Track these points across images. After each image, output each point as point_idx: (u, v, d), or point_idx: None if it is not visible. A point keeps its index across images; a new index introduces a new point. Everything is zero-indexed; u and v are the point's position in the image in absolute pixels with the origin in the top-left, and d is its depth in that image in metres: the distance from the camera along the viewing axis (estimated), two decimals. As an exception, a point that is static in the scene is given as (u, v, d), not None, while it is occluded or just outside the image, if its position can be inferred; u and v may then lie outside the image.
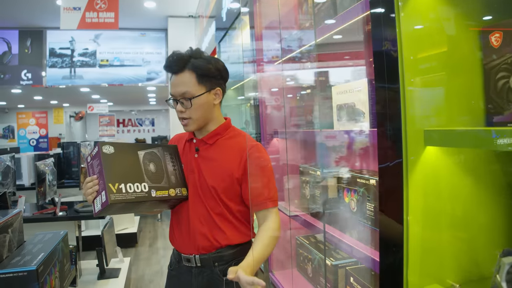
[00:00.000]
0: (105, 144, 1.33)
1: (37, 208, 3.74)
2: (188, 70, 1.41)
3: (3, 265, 1.42)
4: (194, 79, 1.41)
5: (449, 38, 1.08)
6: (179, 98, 1.42)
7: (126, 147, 1.39)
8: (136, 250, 5.23)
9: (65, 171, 5.62)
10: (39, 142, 13.04)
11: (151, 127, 18.46)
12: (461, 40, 1.09)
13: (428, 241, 1.05)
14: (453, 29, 1.09)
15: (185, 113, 1.42)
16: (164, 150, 1.47)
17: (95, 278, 3.57)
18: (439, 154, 1.04)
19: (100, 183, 1.30)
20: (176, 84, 1.42)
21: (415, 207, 1.02)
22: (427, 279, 1.05)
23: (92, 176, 1.33)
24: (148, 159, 1.40)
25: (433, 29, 1.08)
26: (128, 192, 1.30)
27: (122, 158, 1.35)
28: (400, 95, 1.00)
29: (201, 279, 1.47)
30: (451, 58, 1.07)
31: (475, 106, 1.07)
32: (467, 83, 1.08)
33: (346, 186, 1.59)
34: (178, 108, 1.43)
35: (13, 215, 1.60)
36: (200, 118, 1.45)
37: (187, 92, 1.40)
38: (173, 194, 1.42)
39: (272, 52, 2.52)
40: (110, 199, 1.25)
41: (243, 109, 3.74)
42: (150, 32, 7.69)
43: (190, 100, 1.40)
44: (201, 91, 1.42)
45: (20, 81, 7.46)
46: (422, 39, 1.06)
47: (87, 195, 1.33)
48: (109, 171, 1.29)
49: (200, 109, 1.43)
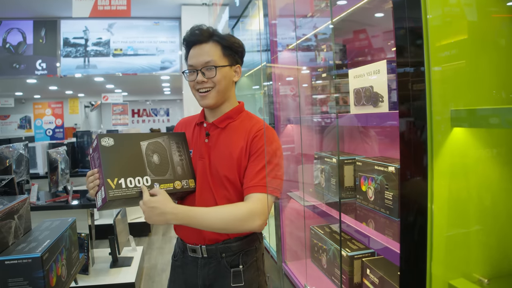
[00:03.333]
0: (104, 136, 1.25)
1: (50, 196, 3.74)
2: (213, 41, 1.38)
3: (8, 252, 1.39)
4: (220, 50, 1.37)
5: (479, 9, 0.99)
6: (200, 68, 1.35)
7: (127, 138, 1.31)
8: (149, 239, 5.24)
9: (79, 160, 5.64)
10: (55, 132, 13.17)
11: (166, 117, 18.52)
12: (493, 12, 1.00)
13: (454, 232, 0.97)
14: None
15: (207, 82, 1.36)
16: (170, 138, 1.39)
17: (107, 266, 3.58)
18: (468, 136, 0.95)
19: (100, 178, 1.24)
20: (199, 54, 1.36)
21: (440, 195, 0.94)
22: (453, 272, 0.97)
23: (93, 170, 1.28)
24: (152, 150, 1.32)
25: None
26: (129, 187, 1.23)
27: (122, 150, 1.27)
28: (425, 72, 0.91)
29: (207, 270, 1.41)
30: (482, 31, 0.98)
31: (508, 84, 0.98)
32: (499, 58, 0.99)
33: (363, 174, 1.51)
34: (199, 78, 1.36)
35: (19, 201, 1.56)
36: (221, 91, 1.39)
37: (211, 61, 1.35)
38: (178, 187, 1.34)
39: (286, 38, 2.44)
40: (108, 195, 1.19)
41: (257, 96, 3.67)
42: (163, 21, 7.63)
43: (216, 68, 1.35)
44: (225, 63, 1.38)
45: (35, 71, 7.49)
46: (449, 10, 0.97)
47: (89, 189, 1.28)
48: (107, 165, 1.22)
49: (223, 81, 1.37)
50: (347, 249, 1.74)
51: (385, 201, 1.36)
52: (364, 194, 1.52)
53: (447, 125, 0.93)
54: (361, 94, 1.49)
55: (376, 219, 1.43)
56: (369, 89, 1.44)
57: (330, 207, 1.77)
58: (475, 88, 0.97)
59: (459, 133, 0.94)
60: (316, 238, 2.08)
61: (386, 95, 1.35)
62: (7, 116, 13.96)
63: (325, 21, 1.91)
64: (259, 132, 1.38)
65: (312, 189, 2.01)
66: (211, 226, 1.28)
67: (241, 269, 1.40)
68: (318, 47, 2.09)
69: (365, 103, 1.47)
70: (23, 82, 9.00)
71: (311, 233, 2.15)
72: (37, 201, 3.56)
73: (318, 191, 1.93)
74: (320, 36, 2.03)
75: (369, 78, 1.45)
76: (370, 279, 1.54)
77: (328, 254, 1.92)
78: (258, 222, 1.27)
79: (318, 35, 2.03)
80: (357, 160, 1.57)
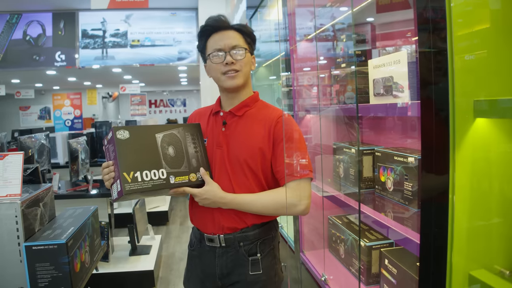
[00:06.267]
0: (119, 129, 1.26)
1: (70, 185, 3.82)
2: (234, 29, 1.43)
3: (34, 238, 1.43)
4: (242, 38, 1.43)
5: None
6: (229, 50, 1.39)
7: (142, 130, 1.31)
8: (167, 228, 5.31)
9: (98, 150, 5.74)
10: (74, 122, 13.41)
11: (183, 108, 18.60)
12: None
13: (475, 223, 0.96)
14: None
15: (235, 65, 1.39)
16: (185, 130, 1.39)
17: (127, 254, 3.65)
18: (490, 127, 0.94)
19: (116, 170, 1.24)
20: (226, 37, 1.40)
21: (462, 186, 0.94)
22: (473, 263, 0.97)
23: (108, 162, 1.29)
24: (167, 142, 1.33)
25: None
26: (144, 180, 1.24)
27: (137, 143, 1.27)
28: (448, 62, 0.90)
29: (225, 259, 1.42)
30: (505, 20, 0.96)
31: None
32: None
33: (382, 164, 1.51)
34: (228, 59, 1.38)
35: (44, 189, 1.61)
36: (246, 74, 1.44)
37: (238, 45, 1.40)
38: (193, 180, 1.35)
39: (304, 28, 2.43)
40: (124, 189, 1.20)
41: (274, 86, 3.67)
42: (180, 12, 7.64)
43: (245, 51, 1.41)
44: (248, 49, 1.44)
45: (55, 62, 7.59)
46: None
47: (105, 181, 1.30)
48: (123, 159, 1.23)
49: (247, 65, 1.44)
50: (365, 239, 1.75)
51: (404, 192, 1.35)
52: (383, 185, 1.51)
53: (469, 116, 0.92)
54: (380, 84, 1.48)
55: (395, 210, 1.43)
56: (389, 79, 1.43)
57: (349, 197, 1.77)
58: (498, 78, 0.96)
59: (482, 124, 0.94)
60: (334, 228, 2.08)
61: (406, 85, 1.34)
62: (28, 107, 14.21)
63: (344, 10, 1.89)
64: (281, 119, 1.41)
65: (331, 179, 2.01)
66: (257, 211, 1.39)
67: (259, 257, 1.42)
68: (337, 37, 2.08)
69: (385, 93, 1.46)
70: (42, 74, 9.14)
71: (329, 223, 2.15)
72: (58, 190, 3.64)
73: (336, 181, 1.94)
74: (338, 26, 2.02)
75: (389, 68, 1.43)
76: (388, 269, 1.54)
77: (346, 244, 1.93)
78: (301, 207, 1.37)
79: (337, 25, 2.02)
80: (376, 151, 1.56)
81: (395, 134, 1.79)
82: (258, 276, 1.41)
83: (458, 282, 0.95)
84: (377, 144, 1.86)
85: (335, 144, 1.94)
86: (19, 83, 10.91)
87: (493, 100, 0.89)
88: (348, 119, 1.96)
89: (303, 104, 2.39)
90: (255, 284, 1.41)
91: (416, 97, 1.28)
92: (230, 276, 1.43)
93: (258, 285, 1.41)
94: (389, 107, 1.42)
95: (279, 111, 1.45)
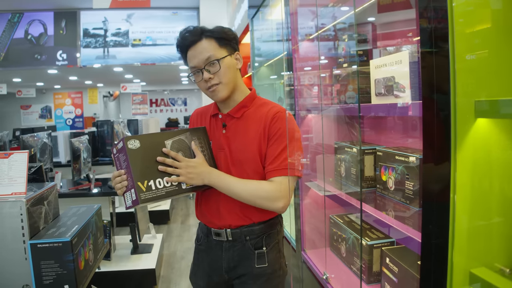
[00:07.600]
0: (130, 139, 1.27)
1: (72, 184, 3.84)
2: (205, 37, 1.39)
3: (39, 236, 1.45)
4: (214, 43, 1.39)
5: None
6: (203, 65, 1.37)
7: (152, 138, 1.33)
8: (168, 227, 5.33)
9: (99, 149, 5.75)
10: (75, 121, 13.43)
11: (184, 107, 18.62)
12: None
13: (476, 221, 0.97)
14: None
15: (214, 79, 1.38)
16: (192, 134, 1.41)
17: (128, 252, 3.66)
18: (491, 127, 0.96)
19: (129, 179, 1.26)
20: (198, 53, 1.38)
21: (463, 185, 0.95)
22: (474, 262, 0.98)
23: (120, 171, 1.30)
24: (176, 148, 1.35)
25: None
26: (158, 188, 1.27)
27: (148, 152, 1.29)
28: (449, 62, 0.92)
29: (232, 253, 1.45)
30: (506, 20, 0.98)
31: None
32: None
33: (384, 163, 1.52)
34: (205, 76, 1.38)
35: (48, 187, 1.62)
36: (230, 82, 1.41)
37: (211, 56, 1.37)
38: None
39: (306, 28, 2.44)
40: (140, 199, 1.22)
41: (276, 86, 3.68)
42: (182, 11, 7.66)
43: (218, 62, 1.37)
44: (224, 54, 1.39)
45: (56, 61, 7.62)
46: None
47: (117, 189, 1.31)
48: (136, 168, 1.25)
49: (228, 71, 1.40)
50: (367, 238, 1.76)
51: (405, 191, 1.37)
52: (384, 184, 1.52)
53: (471, 116, 0.93)
54: (382, 84, 1.49)
55: (396, 209, 1.44)
56: (390, 79, 1.44)
57: (350, 196, 1.78)
58: (499, 78, 0.97)
59: (483, 124, 0.95)
60: (336, 227, 2.09)
61: (408, 85, 1.35)
62: (29, 106, 14.24)
63: (346, 10, 1.90)
64: (277, 115, 1.41)
65: (332, 179, 2.02)
66: (236, 194, 1.37)
67: (264, 250, 1.45)
68: (339, 36, 2.09)
69: (386, 93, 1.47)
70: (44, 73, 9.16)
71: (331, 222, 2.17)
72: (60, 189, 3.66)
73: (337, 181, 1.95)
74: (340, 26, 2.03)
75: (390, 68, 1.44)
76: (389, 267, 1.55)
77: (348, 243, 1.94)
78: (280, 204, 1.35)
79: (338, 25, 2.03)
80: (378, 150, 1.57)
81: (396, 134, 1.80)
82: (264, 269, 1.44)
83: (459, 280, 0.96)
84: (378, 143, 1.87)
85: (337, 144, 1.95)
86: (21, 82, 10.94)
87: (494, 100, 0.90)
88: (349, 119, 1.97)
89: (305, 103, 2.40)
90: (261, 277, 1.44)
91: (417, 97, 1.30)
92: (237, 269, 1.46)
93: (264, 277, 1.44)
94: (390, 107, 1.43)
95: (277, 107, 1.44)
